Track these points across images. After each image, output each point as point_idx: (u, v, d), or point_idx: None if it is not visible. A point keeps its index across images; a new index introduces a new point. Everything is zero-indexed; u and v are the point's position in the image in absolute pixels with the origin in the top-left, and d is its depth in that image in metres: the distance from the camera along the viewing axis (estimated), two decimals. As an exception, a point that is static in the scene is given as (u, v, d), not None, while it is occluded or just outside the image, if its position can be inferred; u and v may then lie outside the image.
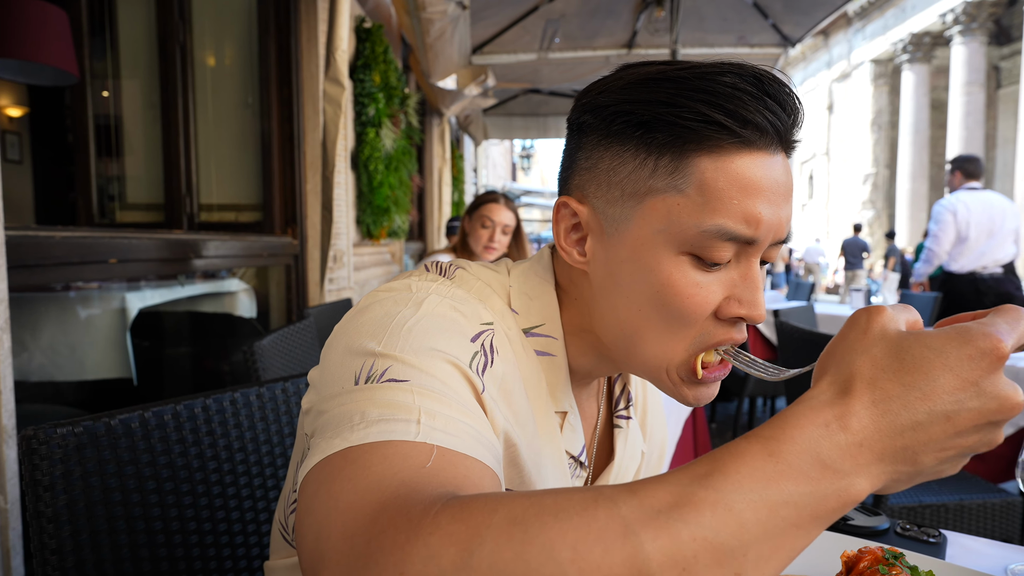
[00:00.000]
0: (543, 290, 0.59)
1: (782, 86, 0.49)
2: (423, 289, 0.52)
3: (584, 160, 0.55)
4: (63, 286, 1.93)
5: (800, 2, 4.34)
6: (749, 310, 0.51)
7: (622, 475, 0.65)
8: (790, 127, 0.50)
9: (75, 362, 1.86)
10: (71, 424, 0.67)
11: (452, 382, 0.46)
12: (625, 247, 0.52)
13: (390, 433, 0.41)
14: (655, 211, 0.50)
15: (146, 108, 2.80)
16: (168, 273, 2.23)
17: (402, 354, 0.46)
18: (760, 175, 0.49)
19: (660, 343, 0.53)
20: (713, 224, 0.49)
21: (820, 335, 1.88)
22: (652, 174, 0.50)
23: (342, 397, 0.45)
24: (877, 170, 20.18)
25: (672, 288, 0.50)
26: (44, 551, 0.64)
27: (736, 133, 0.48)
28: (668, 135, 0.49)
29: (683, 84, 0.48)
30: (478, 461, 0.42)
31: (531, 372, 0.56)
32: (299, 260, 2.93)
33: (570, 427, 0.59)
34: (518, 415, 0.52)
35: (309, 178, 2.91)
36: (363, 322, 0.49)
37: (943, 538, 0.73)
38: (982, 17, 15.56)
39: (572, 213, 0.56)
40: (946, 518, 1.72)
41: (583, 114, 0.54)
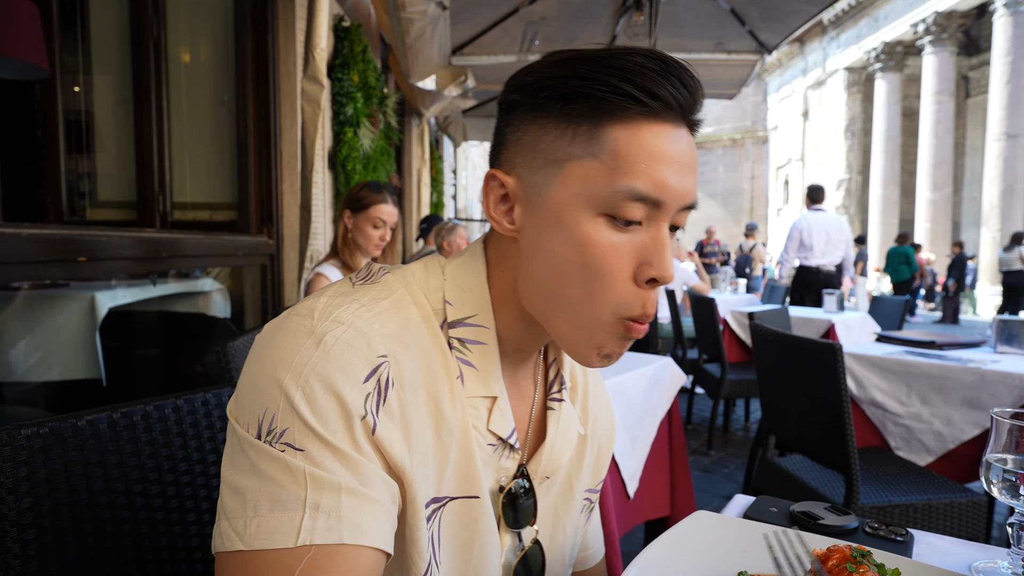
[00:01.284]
0: (476, 281, 0.62)
1: (685, 69, 0.56)
2: (325, 316, 0.54)
3: (511, 134, 0.59)
4: (30, 284, 1.88)
5: (776, 10, 4.41)
6: (659, 271, 0.56)
7: (554, 455, 0.67)
8: (692, 104, 0.56)
9: (42, 362, 1.82)
10: (36, 425, 0.65)
11: (345, 443, 0.50)
12: (548, 210, 0.57)
13: (273, 539, 0.47)
14: (573, 175, 0.55)
15: (118, 104, 2.75)
16: (140, 272, 2.19)
17: (306, 408, 0.49)
18: (666, 145, 0.55)
19: (581, 303, 0.56)
20: (624, 185, 0.54)
21: (794, 337, 1.91)
22: (571, 142, 0.55)
23: (245, 446, 0.50)
24: (850, 176, 20.55)
25: (591, 247, 0.55)
26: (7, 555, 0.62)
27: (644, 104, 0.54)
28: (585, 106, 0.54)
29: (599, 62, 0.54)
30: (355, 547, 0.48)
31: (444, 375, 0.58)
32: (275, 260, 2.89)
33: (499, 411, 0.62)
34: (417, 435, 0.55)
35: (286, 177, 2.88)
36: (274, 350, 0.52)
37: (910, 537, 0.75)
38: (952, 28, 15.94)
39: (500, 184, 0.60)
40: (915, 517, 1.75)
41: (511, 93, 0.59)
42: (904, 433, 2.21)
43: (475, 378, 0.60)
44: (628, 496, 1.80)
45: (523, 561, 0.65)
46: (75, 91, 2.78)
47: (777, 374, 2.05)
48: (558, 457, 0.67)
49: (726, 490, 3.19)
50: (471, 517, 0.59)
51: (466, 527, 0.59)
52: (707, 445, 3.85)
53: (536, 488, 0.66)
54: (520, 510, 0.64)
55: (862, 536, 0.75)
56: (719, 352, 3.68)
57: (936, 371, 2.14)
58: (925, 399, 2.17)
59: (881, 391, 2.27)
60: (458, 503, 0.59)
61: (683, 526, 0.72)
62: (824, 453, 1.84)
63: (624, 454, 1.77)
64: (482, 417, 0.61)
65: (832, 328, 4.00)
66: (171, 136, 2.71)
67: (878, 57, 18.06)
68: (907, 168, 18.74)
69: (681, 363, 4.24)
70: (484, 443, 0.61)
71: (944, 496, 1.76)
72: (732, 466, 3.57)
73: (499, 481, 0.63)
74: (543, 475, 0.66)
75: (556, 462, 0.67)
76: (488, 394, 0.61)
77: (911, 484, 1.85)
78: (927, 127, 16.26)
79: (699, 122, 0.59)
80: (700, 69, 2.93)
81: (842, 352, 1.72)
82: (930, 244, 15.99)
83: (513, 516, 0.64)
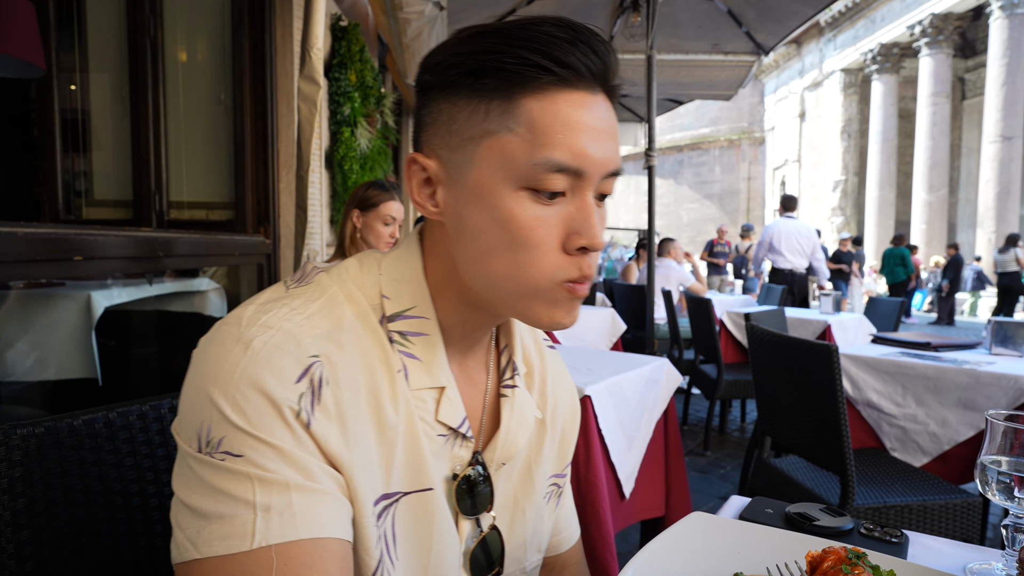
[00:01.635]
0: (412, 273, 0.62)
1: (594, 35, 0.55)
2: (253, 323, 0.54)
3: (427, 116, 0.58)
4: (26, 283, 1.88)
5: (773, 11, 4.41)
6: (588, 239, 0.55)
7: (510, 442, 0.67)
8: (605, 70, 0.55)
9: (38, 361, 1.81)
10: (32, 425, 0.65)
11: (286, 443, 0.50)
12: (469, 189, 0.56)
13: (227, 544, 0.47)
14: (491, 151, 0.54)
15: (115, 103, 2.75)
16: (136, 271, 2.18)
17: (236, 415, 0.49)
18: (582, 113, 0.54)
19: (515, 277, 0.56)
20: (542, 157, 0.53)
21: (791, 339, 1.91)
22: (486, 117, 0.54)
23: (189, 462, 0.51)
24: (847, 177, 20.61)
25: (515, 222, 0.54)
26: (2, 555, 0.62)
27: (555, 73, 0.53)
28: (496, 79, 0.53)
29: (506, 34, 0.53)
30: (317, 540, 0.49)
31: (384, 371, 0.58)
32: (271, 259, 2.89)
33: (448, 401, 0.61)
34: (356, 433, 0.54)
35: (283, 177, 2.87)
36: (204, 362, 0.53)
37: (905, 538, 0.75)
38: (948, 30, 16.01)
39: (421, 168, 0.59)
40: (909, 518, 1.76)
41: (423, 74, 0.58)
42: (899, 434, 2.22)
43: (420, 370, 0.60)
44: (624, 496, 1.81)
45: (481, 547, 0.65)
46: (71, 89, 2.77)
47: (773, 375, 2.05)
48: (513, 444, 0.67)
49: (722, 491, 3.20)
50: (427, 510, 0.59)
51: (423, 520, 0.59)
52: (703, 446, 3.86)
53: (492, 475, 0.66)
54: (477, 497, 0.64)
55: (857, 537, 0.75)
56: (715, 353, 3.69)
57: (931, 372, 2.15)
58: (920, 400, 2.17)
59: (877, 392, 2.28)
60: (412, 497, 0.58)
61: (679, 527, 0.72)
62: (820, 454, 1.84)
63: (620, 454, 1.77)
64: (430, 408, 0.60)
65: (828, 329, 4.02)
66: (167, 135, 2.70)
67: (875, 59, 18.12)
68: (903, 170, 18.80)
69: (677, 364, 4.25)
70: (434, 434, 0.61)
71: (939, 497, 1.77)
72: (728, 467, 3.58)
73: (453, 469, 0.63)
74: (499, 462, 0.66)
75: (512, 449, 0.67)
76: (435, 384, 0.61)
77: (906, 485, 1.86)
78: (923, 129, 16.32)
79: (616, 88, 0.58)
80: (697, 71, 2.99)
81: (838, 353, 1.72)
82: (926, 245, 16.05)
83: (471, 503, 0.64)
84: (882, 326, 4.37)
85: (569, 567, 0.83)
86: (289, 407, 0.50)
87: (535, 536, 0.72)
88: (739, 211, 26.74)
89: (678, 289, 5.42)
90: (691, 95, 6.72)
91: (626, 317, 4.58)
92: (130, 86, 2.60)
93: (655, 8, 3.64)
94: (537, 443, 0.73)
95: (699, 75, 5.44)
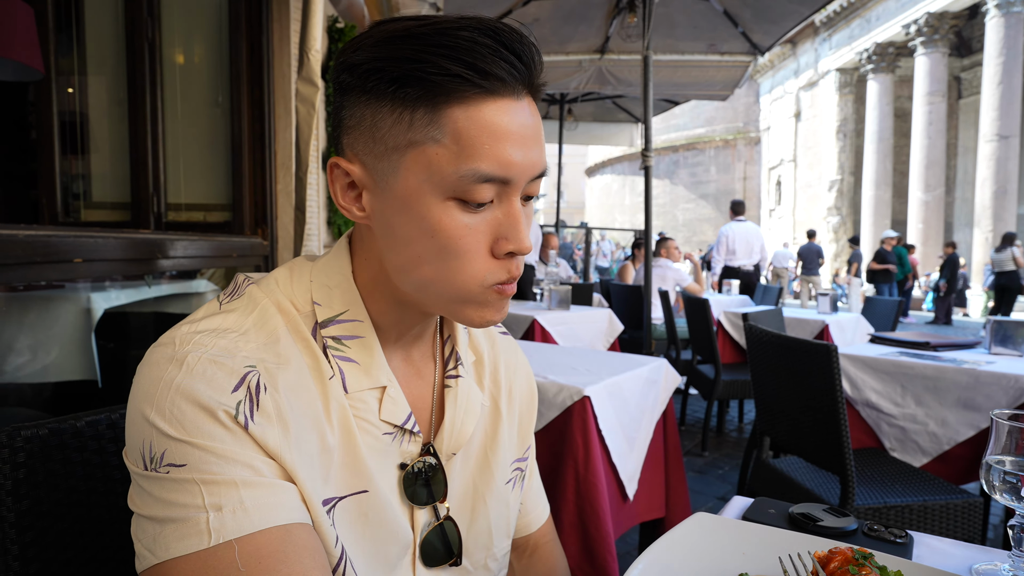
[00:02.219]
0: (342, 277, 0.62)
1: (518, 36, 0.54)
2: (186, 341, 0.54)
3: (348, 119, 0.58)
4: (25, 286, 1.87)
5: (769, 11, 4.43)
6: (515, 244, 0.56)
7: (456, 431, 0.67)
8: (529, 74, 0.55)
9: (38, 364, 1.81)
10: (36, 427, 0.65)
11: (227, 444, 0.50)
12: (397, 198, 0.56)
13: (184, 545, 0.48)
14: (417, 162, 0.54)
15: (113, 105, 2.74)
16: (134, 273, 2.18)
17: (172, 428, 0.50)
18: (507, 121, 0.54)
19: (447, 284, 0.57)
20: (469, 169, 0.53)
21: (789, 339, 1.92)
22: (410, 127, 0.54)
23: (139, 480, 0.52)
24: (842, 177, 20.66)
25: (443, 232, 0.55)
26: (7, 557, 0.62)
27: (478, 84, 0.52)
28: (419, 89, 0.52)
29: (426, 40, 0.52)
30: (280, 527, 0.50)
31: (315, 378, 0.58)
32: (269, 261, 2.88)
33: (390, 400, 0.62)
34: (298, 437, 0.55)
35: (280, 178, 2.87)
36: (140, 385, 0.53)
37: (910, 538, 0.75)
38: (944, 29, 16.05)
39: (345, 172, 0.59)
40: (911, 519, 1.76)
41: (341, 73, 0.57)
42: (899, 434, 2.22)
43: (358, 372, 0.60)
44: (626, 498, 1.81)
45: (438, 537, 0.66)
46: (69, 92, 2.76)
47: (772, 375, 2.06)
48: (460, 433, 0.68)
49: (720, 491, 3.20)
50: (361, 511, 0.60)
51: (359, 520, 0.60)
52: (701, 446, 3.86)
53: (444, 464, 0.66)
54: (432, 486, 0.65)
55: (861, 538, 0.75)
56: (713, 353, 3.70)
57: (931, 372, 2.16)
58: (920, 400, 2.18)
59: (876, 392, 2.28)
60: (348, 500, 0.59)
61: (683, 528, 0.72)
62: (819, 454, 1.85)
63: (621, 456, 1.77)
64: (372, 409, 0.61)
65: (826, 329, 4.02)
66: (165, 137, 2.70)
67: (870, 58, 18.17)
68: (899, 169, 18.85)
69: (675, 364, 4.25)
70: (379, 433, 0.61)
71: (940, 497, 1.77)
72: (726, 467, 3.58)
73: (403, 463, 0.64)
74: (449, 451, 0.67)
75: (459, 438, 0.67)
76: (375, 385, 0.61)
77: (907, 485, 1.86)
78: (919, 128, 16.36)
79: (541, 87, 0.58)
80: (693, 71, 3.00)
81: (837, 353, 1.73)
82: (923, 245, 16.09)
83: (426, 493, 0.65)
84: (880, 326, 4.38)
85: (541, 546, 0.84)
86: (224, 411, 0.51)
87: (500, 521, 0.73)
88: (736, 211, 26.75)
89: (675, 289, 5.43)
90: (687, 95, 6.73)
91: (623, 317, 4.59)
92: (128, 88, 2.59)
93: (651, 9, 3.65)
94: (492, 430, 0.73)
95: (695, 75, 5.45)
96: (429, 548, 0.65)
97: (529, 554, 0.84)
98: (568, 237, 16.19)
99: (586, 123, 7.99)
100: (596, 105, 7.47)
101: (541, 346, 2.43)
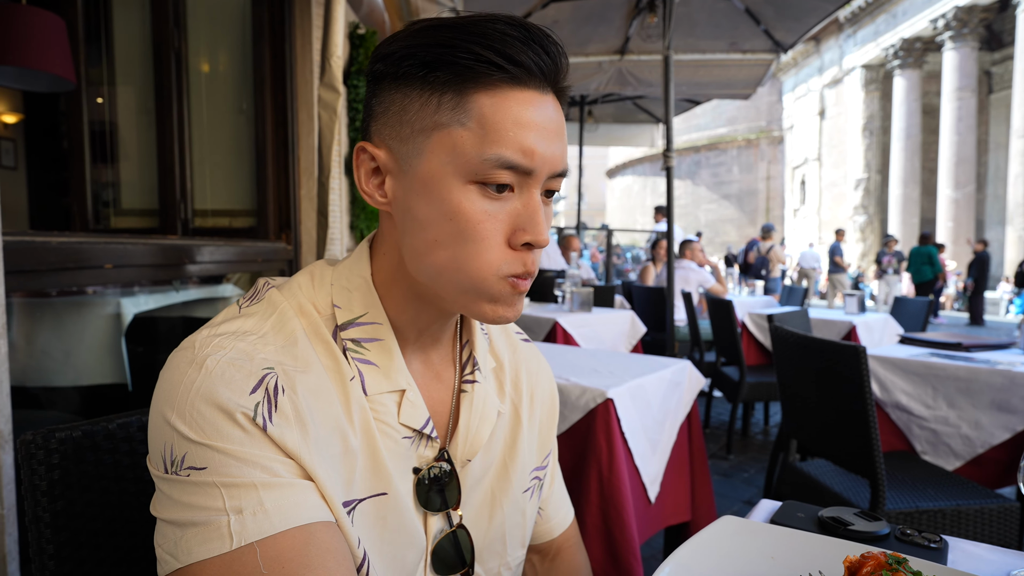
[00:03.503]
0: (361, 280, 0.62)
1: (546, 36, 0.56)
2: (206, 344, 0.54)
3: (378, 105, 0.59)
4: (58, 292, 1.92)
5: (792, 8, 4.37)
6: (533, 236, 0.56)
7: (471, 437, 0.67)
8: (556, 71, 0.57)
9: (70, 367, 1.85)
10: (70, 429, 0.66)
11: (245, 446, 0.51)
12: (418, 180, 0.56)
13: (206, 549, 0.48)
14: (442, 144, 0.55)
15: (141, 114, 2.80)
16: (163, 278, 2.22)
17: (192, 431, 0.50)
18: (532, 111, 0.55)
19: (460, 268, 0.57)
20: (493, 153, 0.54)
21: (816, 340, 1.89)
22: (437, 110, 0.55)
23: (160, 485, 0.52)
24: (869, 175, 20.31)
25: (462, 215, 0.55)
26: (42, 556, 0.63)
27: (507, 71, 0.54)
28: (449, 73, 0.54)
29: (460, 29, 0.54)
30: (302, 528, 0.50)
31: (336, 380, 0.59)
32: (293, 265, 2.92)
33: (409, 403, 0.62)
34: (318, 438, 0.55)
35: (303, 183, 2.90)
36: (161, 389, 0.54)
37: (944, 543, 0.74)
38: (973, 23, 15.72)
39: (370, 157, 0.60)
40: (943, 523, 1.72)
41: (375, 63, 0.58)
42: (930, 437, 2.17)
43: (377, 375, 0.61)
44: (649, 501, 1.79)
45: (450, 545, 0.65)
46: (99, 102, 2.83)
47: (798, 377, 2.02)
48: (475, 439, 0.67)
49: (746, 495, 3.16)
50: (380, 514, 0.60)
51: (378, 523, 0.60)
52: (726, 449, 3.82)
53: (459, 471, 0.66)
54: (446, 493, 0.65)
55: (894, 543, 0.74)
56: (737, 355, 3.65)
57: (963, 373, 2.11)
58: (952, 402, 2.13)
59: (906, 394, 2.23)
60: (367, 502, 0.59)
61: (710, 531, 0.71)
62: (848, 457, 1.81)
63: (644, 458, 1.76)
64: (391, 412, 0.61)
65: (853, 330, 3.95)
66: (192, 144, 2.75)
67: (896, 54, 17.85)
68: (927, 166, 18.48)
69: (698, 366, 4.21)
70: (398, 436, 0.61)
71: (974, 502, 1.73)
72: (752, 470, 3.54)
73: (419, 467, 0.63)
74: (464, 457, 0.66)
75: (474, 444, 0.67)
76: (394, 388, 0.61)
77: (939, 489, 1.82)
78: (948, 124, 16.03)
79: (566, 90, 0.60)
80: (715, 70, 2.97)
81: (866, 354, 1.69)
82: (953, 244, 15.75)
83: (440, 499, 0.64)
84: (909, 326, 4.29)
85: (565, 549, 0.83)
86: (242, 413, 0.51)
87: (516, 531, 0.72)
88: (758, 211, 26.47)
89: (698, 291, 5.38)
90: (708, 95, 6.67)
91: (645, 319, 4.55)
92: (155, 97, 2.65)
93: (671, 8, 3.62)
94: (512, 438, 0.73)
95: (716, 74, 5.40)
96: (441, 555, 0.65)
97: (552, 557, 0.83)
98: (588, 240, 16.15)
99: (606, 124, 7.95)
100: (616, 106, 7.43)
101: (563, 348, 2.42)
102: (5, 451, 1.14)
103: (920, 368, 2.21)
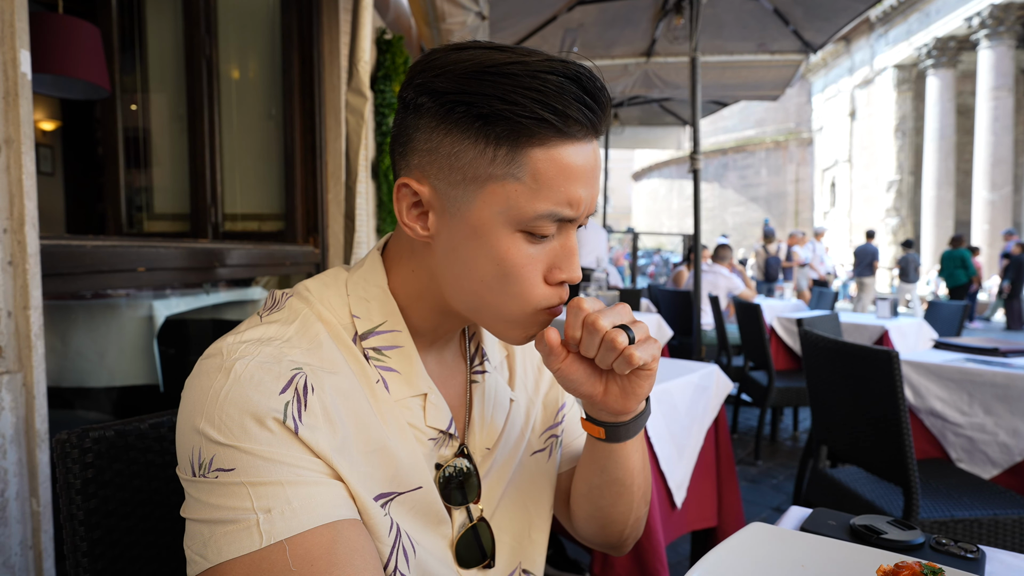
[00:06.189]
0: (378, 290, 0.64)
1: (600, 86, 0.57)
2: (233, 351, 0.55)
3: (424, 143, 0.59)
4: (93, 294, 1.97)
5: (822, 8, 4.30)
6: (568, 274, 0.61)
7: (487, 425, 0.69)
8: (603, 120, 0.59)
9: (104, 368, 1.90)
10: (103, 428, 0.68)
11: (273, 447, 0.51)
12: (467, 225, 0.58)
13: (236, 548, 0.49)
14: (495, 195, 0.57)
15: (173, 120, 2.86)
16: (194, 281, 2.26)
17: (220, 434, 0.51)
18: (580, 161, 0.57)
19: (503, 306, 0.60)
20: (546, 210, 0.56)
21: (848, 344, 1.85)
22: (492, 162, 0.56)
23: (189, 489, 0.54)
24: (901, 177, 19.88)
25: (510, 261, 0.58)
26: (76, 553, 0.65)
27: (562, 130, 0.55)
28: (506, 128, 0.55)
29: (516, 81, 0.54)
30: (329, 525, 0.51)
31: (363, 381, 0.60)
32: (320, 268, 2.95)
33: (433, 406, 0.64)
34: (346, 436, 0.56)
35: (331, 188, 2.94)
36: (189, 398, 0.55)
37: (981, 554, 0.71)
38: (1010, 20, 15.30)
39: (413, 192, 0.60)
40: (980, 533, 1.67)
41: (420, 95, 0.58)
42: (966, 444, 2.11)
43: (400, 381, 0.62)
44: (675, 506, 1.77)
45: (473, 537, 0.67)
46: (133, 109, 2.90)
47: (829, 382, 1.99)
48: (491, 426, 0.69)
49: (775, 501, 3.11)
50: (417, 508, 0.62)
51: (416, 516, 0.62)
52: (754, 455, 3.76)
53: (479, 464, 0.68)
54: (466, 488, 0.67)
55: (929, 552, 0.72)
56: (766, 359, 3.60)
57: (1000, 379, 2.04)
58: (989, 409, 2.07)
59: (940, 400, 2.18)
60: (404, 497, 0.61)
61: (739, 537, 0.70)
62: (880, 464, 1.77)
63: (670, 463, 1.74)
64: (418, 415, 0.63)
65: (886, 334, 3.87)
66: (222, 150, 2.80)
67: (930, 53, 17.45)
68: (962, 168, 18.02)
69: (726, 371, 4.15)
70: (425, 438, 0.63)
71: (1012, 511, 1.68)
72: (780, 477, 3.48)
73: (440, 463, 0.65)
74: (483, 446, 0.68)
75: (490, 431, 0.69)
76: (416, 393, 0.63)
77: (975, 498, 1.77)
78: (984, 124, 15.62)
79: (606, 127, 0.61)
80: (742, 71, 2.95)
81: (899, 359, 1.66)
82: (989, 247, 15.33)
83: (460, 495, 0.66)
84: (944, 331, 4.19)
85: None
86: (273, 417, 0.52)
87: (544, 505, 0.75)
88: (787, 214, 26.07)
89: (726, 296, 5.31)
90: (736, 96, 6.59)
91: (672, 323, 4.51)
92: (187, 104, 2.70)
93: (699, 10, 3.59)
94: (526, 424, 0.75)
95: (744, 76, 5.34)
96: (463, 549, 0.67)
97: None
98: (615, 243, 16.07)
99: (632, 127, 7.91)
100: (642, 108, 7.39)
101: (588, 352, 2.40)
102: (41, 450, 1.16)
103: (955, 374, 2.15)
